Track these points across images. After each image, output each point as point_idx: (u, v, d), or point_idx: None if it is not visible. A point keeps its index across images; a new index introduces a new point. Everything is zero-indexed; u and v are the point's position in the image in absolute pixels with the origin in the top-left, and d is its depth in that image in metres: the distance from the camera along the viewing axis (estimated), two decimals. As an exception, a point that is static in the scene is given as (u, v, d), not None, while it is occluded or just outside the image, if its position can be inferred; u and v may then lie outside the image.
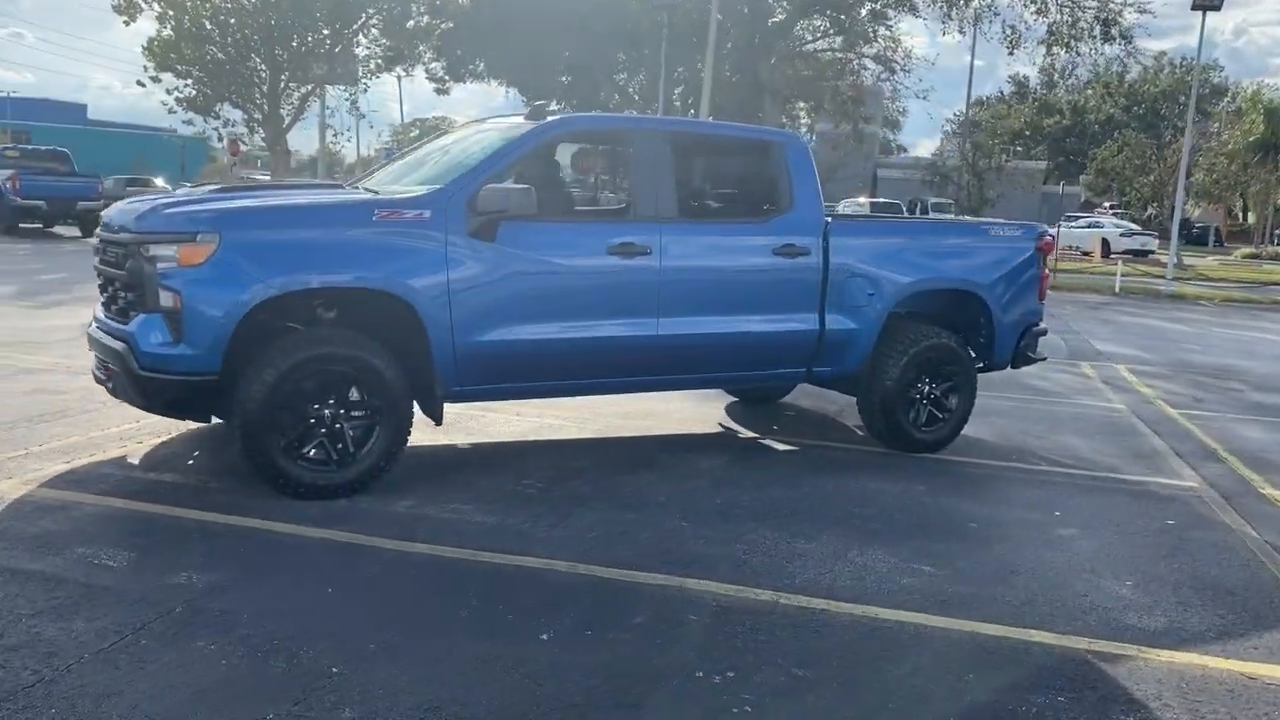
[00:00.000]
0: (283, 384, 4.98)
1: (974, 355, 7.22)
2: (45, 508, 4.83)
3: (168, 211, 5.08)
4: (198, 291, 4.84)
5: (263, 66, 30.54)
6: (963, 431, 7.42)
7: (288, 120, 32.12)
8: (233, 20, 29.62)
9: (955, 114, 44.11)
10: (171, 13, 29.34)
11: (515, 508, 5.25)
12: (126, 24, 31.48)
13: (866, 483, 6.13)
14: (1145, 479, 6.67)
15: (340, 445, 5.20)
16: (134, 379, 4.98)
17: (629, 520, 5.15)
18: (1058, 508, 5.86)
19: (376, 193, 5.71)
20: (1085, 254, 36.84)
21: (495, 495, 5.44)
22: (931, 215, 44.02)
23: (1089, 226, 40.73)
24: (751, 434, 7.37)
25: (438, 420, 5.60)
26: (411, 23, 35.02)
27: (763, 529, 5.14)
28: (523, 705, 3.27)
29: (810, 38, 36.51)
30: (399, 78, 49.82)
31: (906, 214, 42.93)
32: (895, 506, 5.68)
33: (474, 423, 7.08)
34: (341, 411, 5.19)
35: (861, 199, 43.08)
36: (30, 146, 27.05)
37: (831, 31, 36.46)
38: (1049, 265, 7.44)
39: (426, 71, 39.69)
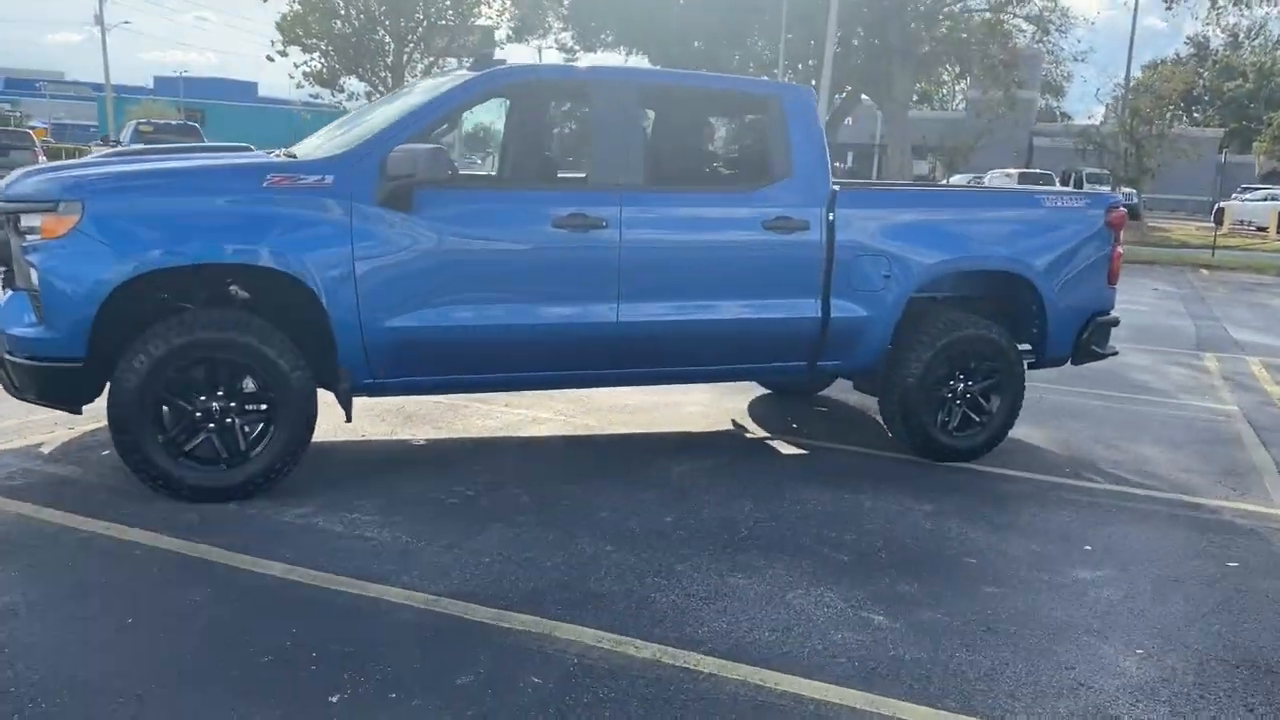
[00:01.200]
0: (159, 372, 4.42)
1: (1023, 348, 6.12)
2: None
3: (37, 177, 4.58)
4: (57, 267, 4.31)
5: (388, 39, 30.69)
6: (1015, 436, 6.37)
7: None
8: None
9: (1132, 77, 40.95)
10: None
11: (422, 521, 4.56)
12: (264, 1, 32.16)
13: (863, 498, 5.19)
14: (1223, 504, 5.48)
15: (232, 443, 4.61)
16: (0, 363, 4.51)
17: (546, 541, 4.39)
18: (1092, 539, 4.80)
19: (294, 156, 5.07)
20: (1260, 230, 33.63)
21: (410, 504, 4.77)
22: (1086, 187, 41.23)
23: (1267, 199, 37.18)
24: (763, 433, 6.48)
25: (347, 416, 4.95)
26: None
27: (700, 556, 4.31)
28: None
29: (955, -3, 34.37)
30: (539, 49, 49.67)
31: (1059, 185, 40.34)
32: (882, 531, 4.74)
33: (448, 415, 6.43)
34: (232, 405, 4.60)
35: (1011, 170, 40.52)
36: (163, 121, 27.91)
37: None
38: (1122, 241, 6.24)
39: (556, 41, 39.34)
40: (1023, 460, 6.08)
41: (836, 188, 5.58)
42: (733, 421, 6.71)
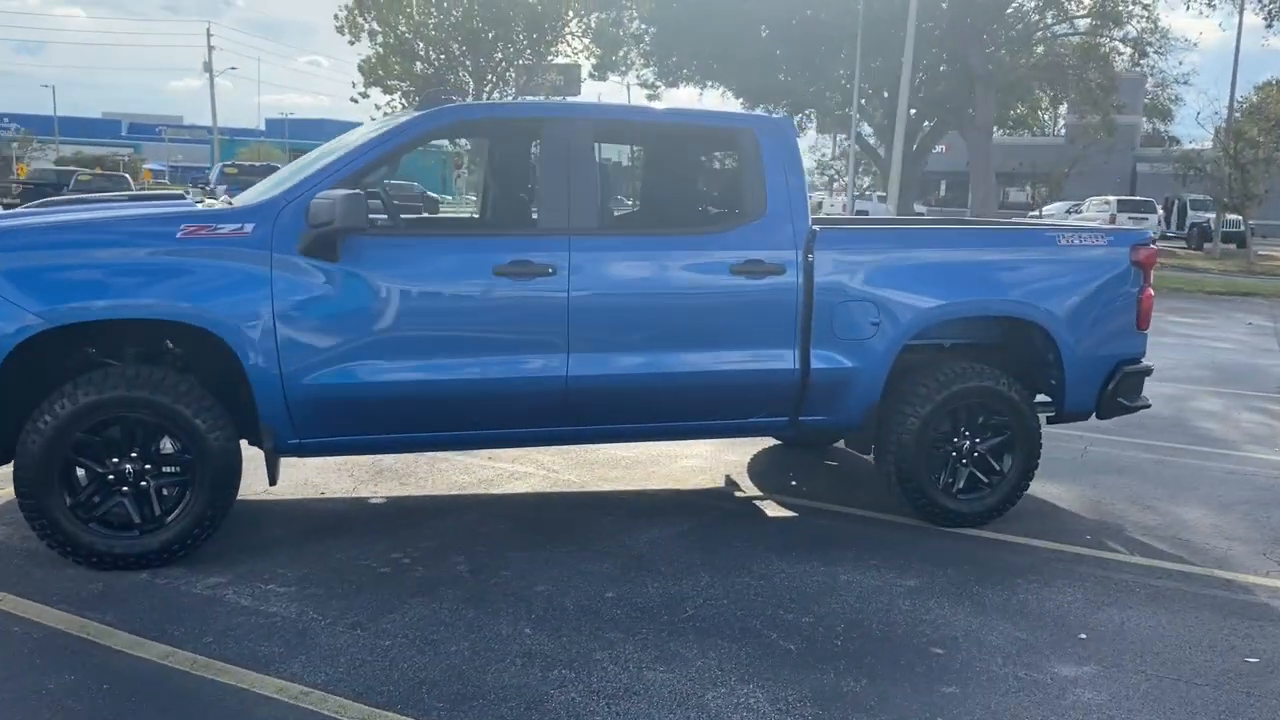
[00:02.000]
0: (66, 433, 4.19)
1: (1039, 401, 5.53)
2: None
3: (-54, 230, 4.42)
4: (-44, 323, 4.11)
5: (467, 79, 31.01)
6: (1041, 496, 5.82)
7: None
8: (434, 32, 30.22)
9: (1240, 99, 38.98)
10: (380, 31, 30.31)
11: (339, 594, 4.23)
12: (351, 43, 32.88)
13: (839, 572, 4.68)
14: (1260, 581, 4.81)
15: (146, 507, 4.36)
16: (-86, 423, 4.34)
17: (462, 621, 4.01)
18: (1091, 625, 4.21)
19: (228, 204, 4.84)
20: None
21: (335, 573, 4.45)
22: (1189, 215, 39.32)
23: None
24: (756, 491, 6.01)
25: (271, 479, 4.65)
26: (619, 29, 34.70)
27: (627, 643, 3.87)
28: None
29: (1050, 20, 33.21)
30: (628, 86, 49.66)
31: (1160, 212, 38.56)
32: (847, 613, 4.23)
33: (423, 468, 6.12)
34: (147, 467, 4.35)
35: (1110, 198, 38.97)
36: (248, 164, 28.70)
37: (1077, 14, 33.09)
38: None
39: (637, 77, 39.39)
40: (1040, 526, 5.48)
41: (817, 228, 5.11)
42: (727, 478, 6.24)
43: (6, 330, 4.11)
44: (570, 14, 30.08)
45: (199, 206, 4.73)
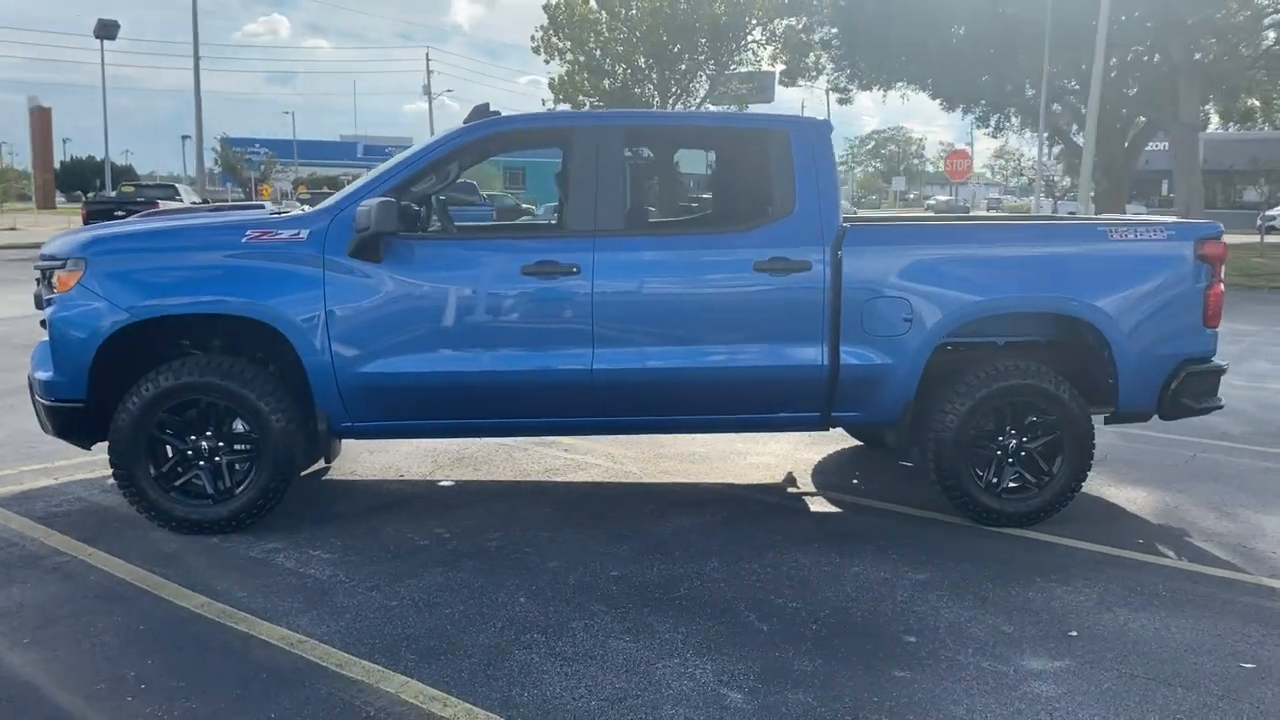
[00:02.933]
0: (150, 413, 4.84)
1: (1092, 400, 5.39)
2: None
3: (64, 238, 5.17)
4: (64, 317, 4.84)
5: (653, 91, 31.76)
6: (1113, 500, 5.72)
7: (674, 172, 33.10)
8: (621, 48, 31.13)
9: None
10: (569, 51, 31.50)
11: (372, 562, 4.69)
12: (546, 63, 34.36)
13: (852, 564, 4.75)
14: (1310, 592, 4.54)
15: (219, 480, 4.97)
16: (34, 403, 5.11)
17: (468, 588, 4.38)
18: (1088, 624, 4.13)
19: (302, 210, 5.40)
20: None
21: (377, 544, 4.91)
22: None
23: None
24: (810, 488, 6.10)
25: (326, 458, 5.17)
26: (807, 35, 34.64)
27: (607, 615, 4.13)
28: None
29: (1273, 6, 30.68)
30: (826, 91, 49.05)
31: None
32: (838, 600, 4.32)
33: (500, 456, 6.56)
34: (220, 444, 4.95)
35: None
36: (460, 180, 30.45)
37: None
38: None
39: (829, 81, 39.04)
40: (1095, 529, 5.33)
41: (847, 225, 5.20)
42: (789, 475, 6.36)
43: (102, 324, 4.79)
44: (753, 21, 30.23)
45: (261, 216, 5.30)
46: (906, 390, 5.18)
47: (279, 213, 5.31)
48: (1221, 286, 5.35)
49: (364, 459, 6.43)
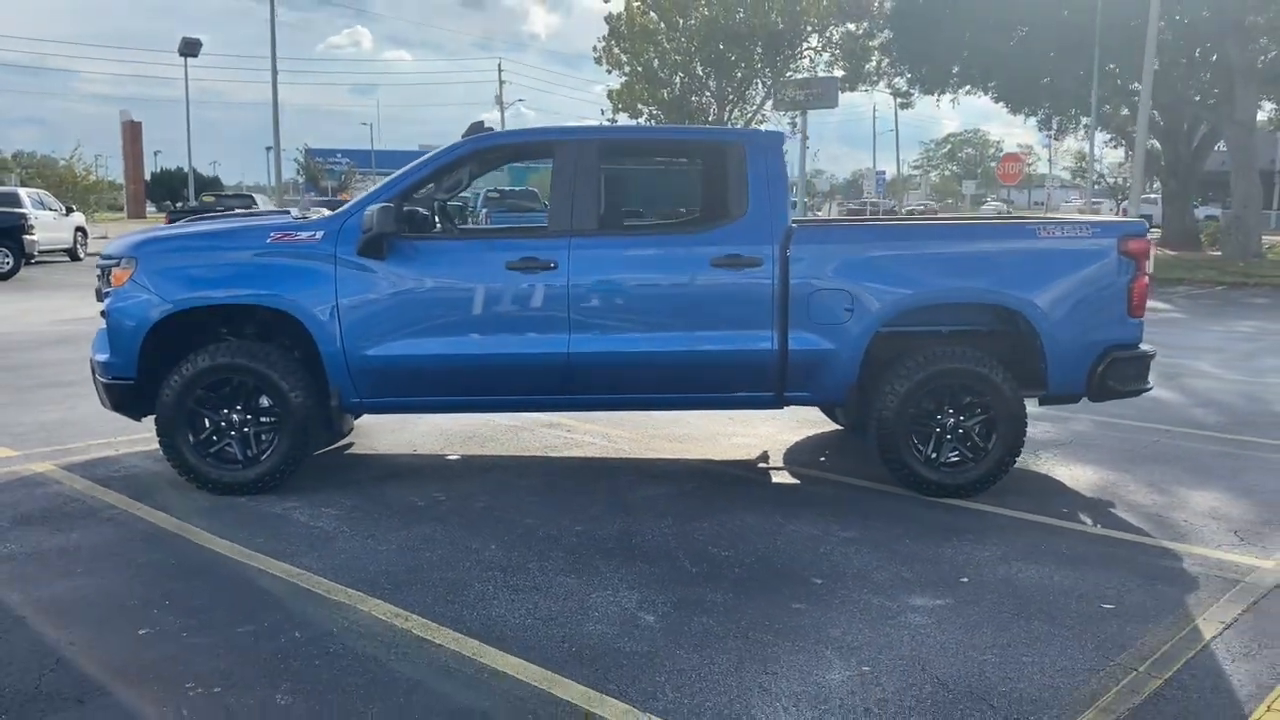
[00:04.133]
0: (190, 389, 5.67)
1: (1027, 383, 5.93)
2: (35, 482, 5.99)
3: (122, 239, 6.04)
4: (118, 307, 5.70)
5: (710, 99, 32.42)
6: (1058, 476, 6.32)
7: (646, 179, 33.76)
8: (679, 57, 31.84)
9: None
10: (626, 60, 32.31)
11: (373, 517, 5.44)
12: (608, 73, 35.25)
13: (791, 524, 5.38)
14: (1205, 553, 5.03)
15: (247, 448, 5.78)
16: (94, 381, 5.99)
17: (449, 540, 5.11)
18: (983, 574, 4.71)
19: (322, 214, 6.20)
20: None
21: (381, 504, 5.67)
22: None
23: None
24: (778, 464, 6.73)
25: (339, 433, 5.94)
26: (868, 40, 34.94)
27: (562, 558, 4.83)
28: None
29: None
30: (893, 94, 49.09)
31: None
32: (764, 551, 4.96)
33: (506, 436, 7.30)
34: (249, 417, 5.77)
35: None
36: (509, 189, 31.36)
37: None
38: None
39: (890, 86, 39.24)
40: (1028, 500, 5.87)
41: (794, 225, 5.84)
42: (763, 453, 6.99)
43: (151, 314, 5.64)
44: (809, 28, 30.69)
45: (285, 219, 6.10)
46: (849, 372, 5.79)
47: (302, 218, 6.11)
48: (1146, 279, 5.85)
49: (383, 436, 7.23)
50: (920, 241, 5.95)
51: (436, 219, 6.40)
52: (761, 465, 6.70)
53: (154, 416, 5.79)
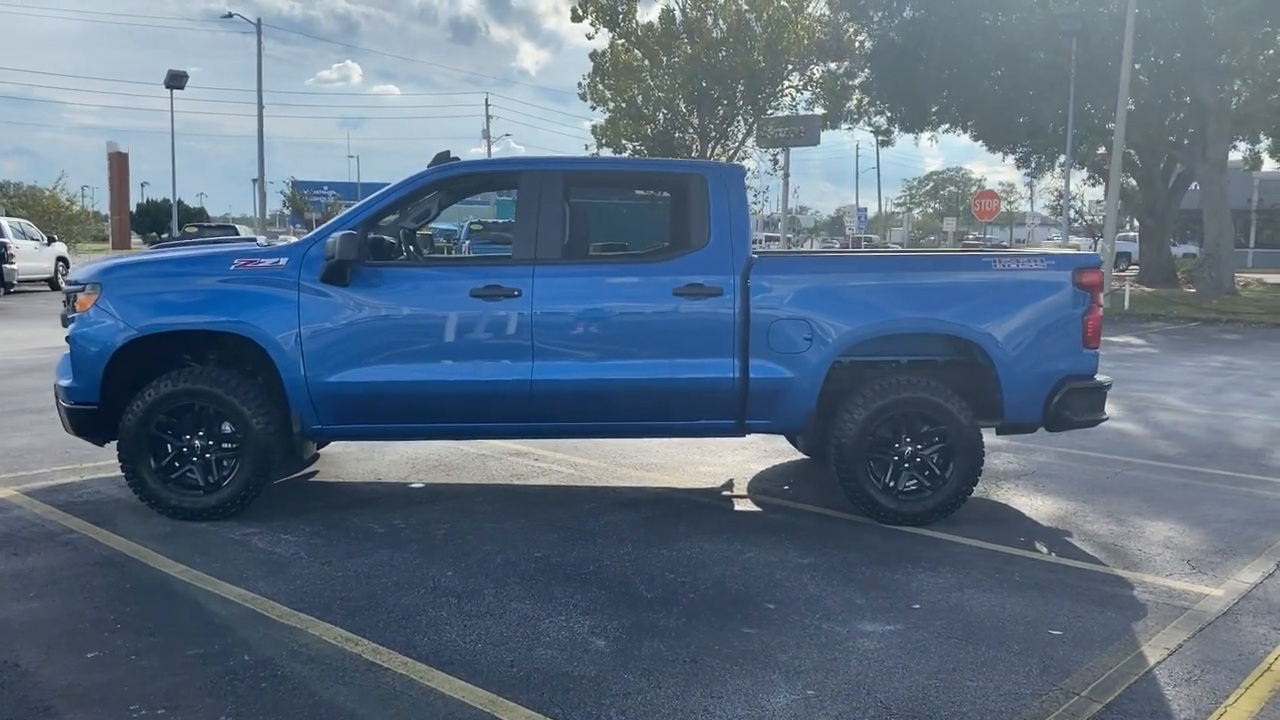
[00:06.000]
0: (151, 415, 5.68)
1: (984, 413, 6.00)
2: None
3: (86, 265, 6.07)
4: (83, 331, 5.72)
5: (694, 137, 32.71)
6: (1013, 505, 6.39)
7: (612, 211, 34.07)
8: (663, 94, 32.15)
9: None
10: (610, 96, 32.60)
11: (333, 543, 5.45)
12: (592, 109, 35.53)
13: (749, 551, 5.41)
14: (1154, 581, 5.10)
15: (209, 474, 5.79)
16: (57, 406, 5.99)
17: (406, 565, 5.12)
18: (934, 601, 4.75)
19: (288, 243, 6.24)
20: None
21: (342, 531, 5.68)
22: None
23: None
24: (741, 492, 6.76)
25: (299, 460, 5.96)
26: (848, 79, 35.34)
27: (518, 585, 4.84)
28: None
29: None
30: (874, 131, 49.44)
31: None
32: (722, 577, 4.99)
33: (474, 464, 7.32)
34: (210, 443, 5.78)
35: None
36: (492, 221, 31.52)
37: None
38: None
39: (870, 125, 39.62)
40: (987, 529, 5.92)
41: (755, 256, 5.92)
42: (729, 482, 7.02)
43: (115, 339, 5.66)
44: (790, 67, 31.05)
45: (250, 246, 6.13)
46: (809, 400, 5.85)
47: (269, 245, 6.16)
48: (1100, 311, 5.94)
49: (348, 465, 7.24)
50: (878, 273, 6.04)
51: (404, 247, 6.45)
52: (725, 493, 6.73)
53: (116, 442, 5.78)
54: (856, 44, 33.81)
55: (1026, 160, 39.97)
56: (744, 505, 6.45)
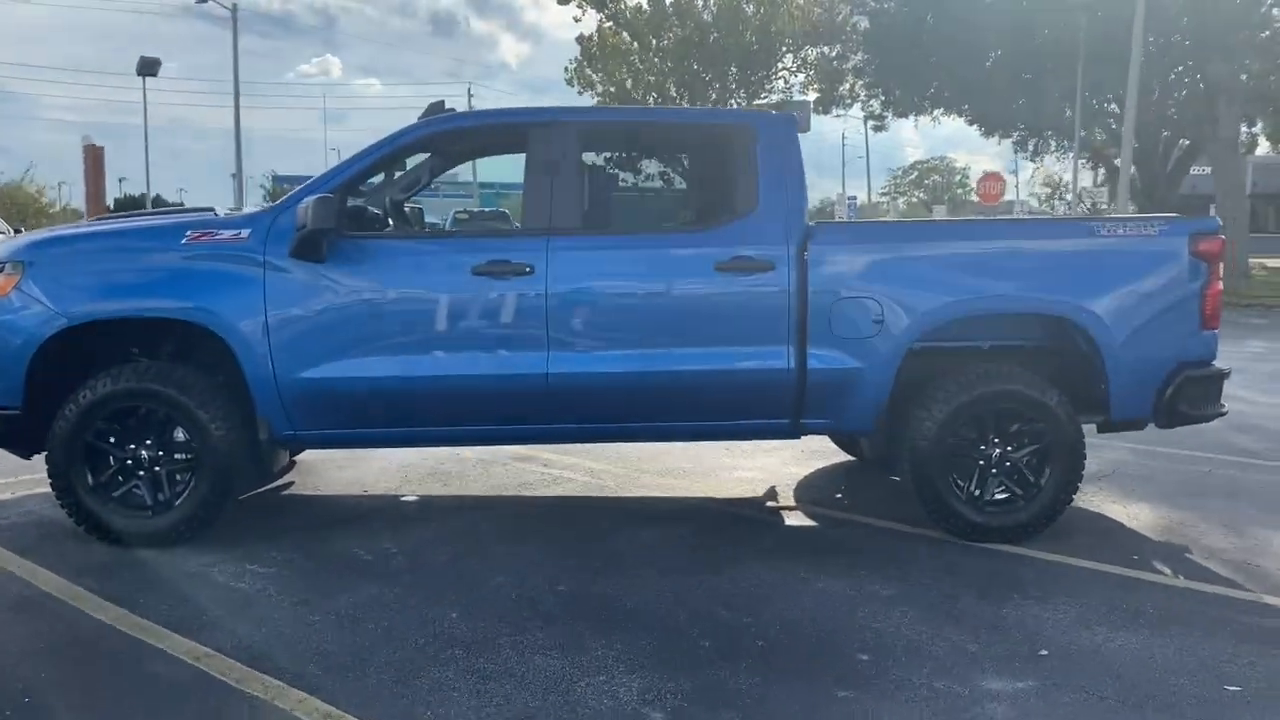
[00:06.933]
0: (88, 420, 4.68)
1: (1082, 407, 5.05)
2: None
3: (8, 244, 5.05)
4: (0, 321, 4.70)
5: (685, 120, 31.75)
6: (1115, 516, 5.46)
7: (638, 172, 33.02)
8: (653, 78, 31.14)
9: None
10: (598, 80, 31.57)
11: (310, 576, 4.48)
12: (579, 94, 34.47)
13: (815, 578, 4.45)
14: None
15: (159, 491, 4.79)
16: (-24, 411, 4.96)
17: (400, 604, 4.15)
18: (1063, 643, 3.79)
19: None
20: None
21: (321, 559, 4.70)
22: None
23: None
24: (790, 502, 5.79)
25: (268, 472, 4.97)
26: (841, 63, 34.42)
27: (539, 630, 3.87)
28: None
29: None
30: (865, 118, 48.48)
31: None
32: (793, 616, 4.03)
33: (475, 471, 6.33)
34: (160, 454, 4.78)
35: None
36: (479, 209, 30.47)
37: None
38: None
39: (863, 109, 38.70)
40: (1088, 545, 4.97)
41: (813, 223, 4.94)
42: (770, 489, 6.05)
43: (41, 330, 4.64)
44: (784, 49, 30.09)
45: (202, 217, 5.08)
46: (879, 395, 4.89)
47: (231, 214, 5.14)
48: (1220, 285, 5.00)
49: (329, 474, 6.24)
50: (961, 240, 5.07)
51: (389, 220, 5.46)
52: (770, 504, 5.76)
53: (45, 454, 4.78)
54: (850, 24, 32.83)
55: (1024, 143, 39.11)
56: (796, 519, 5.49)
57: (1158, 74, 26.14)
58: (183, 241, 4.73)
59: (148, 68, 36.03)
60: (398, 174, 5.34)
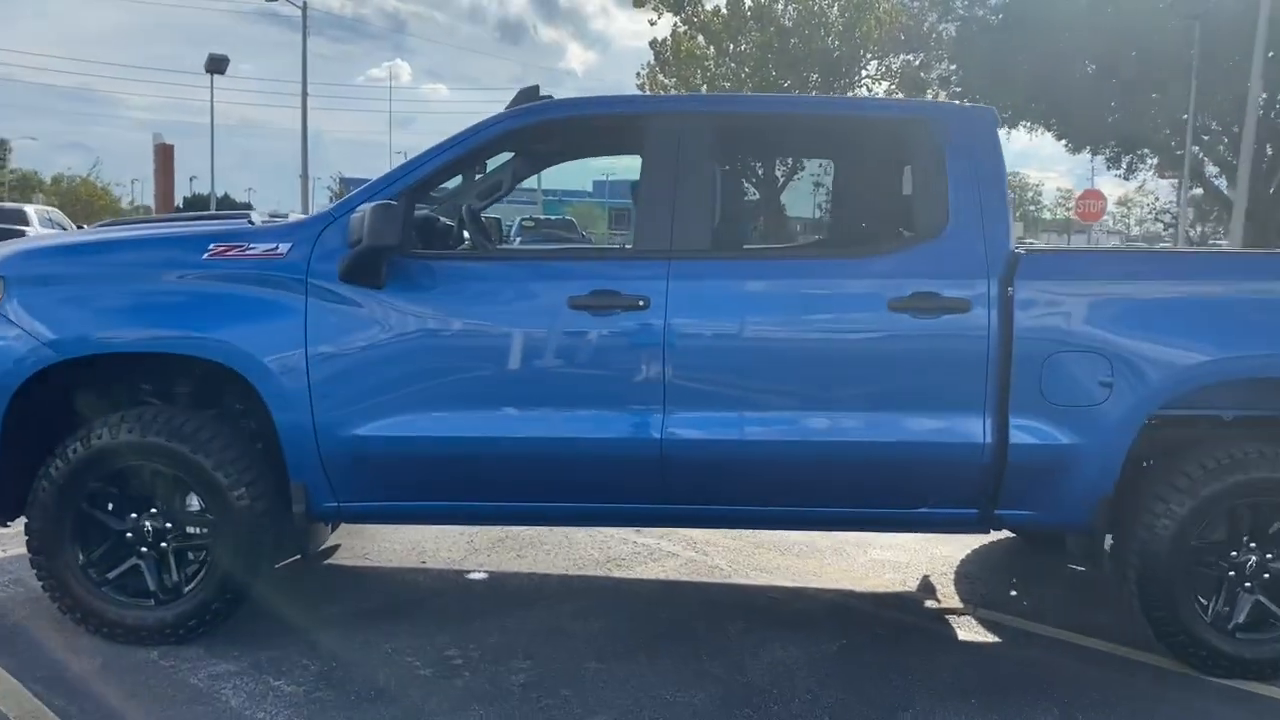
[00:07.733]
0: (79, 482, 3.66)
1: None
2: None
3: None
4: (-30, 355, 3.68)
5: (761, 129, 30.59)
6: None
7: (781, 180, 31.77)
8: (728, 84, 29.99)
9: None
10: (674, 88, 30.53)
11: (348, 702, 3.40)
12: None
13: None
14: None
15: (166, 574, 3.74)
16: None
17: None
18: None
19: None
20: None
21: (367, 670, 3.63)
22: None
23: None
24: (955, 602, 4.59)
25: (302, 551, 3.90)
26: (926, 72, 33.05)
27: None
28: None
29: None
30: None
31: None
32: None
33: (554, 537, 5.22)
34: (169, 526, 3.73)
35: None
36: (544, 218, 29.57)
37: None
38: None
39: (948, 123, 37.18)
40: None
41: (1021, 250, 3.75)
42: (924, 580, 4.86)
43: (21, 365, 3.63)
44: (869, 56, 28.79)
45: (238, 225, 4.03)
46: (1104, 481, 3.68)
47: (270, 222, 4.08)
48: None
49: (382, 534, 5.17)
50: (1224, 278, 3.83)
51: (464, 234, 4.38)
52: (929, 604, 4.56)
53: (25, 521, 3.76)
54: (937, 32, 31.43)
55: (1117, 161, 37.31)
56: (968, 630, 4.27)
57: (1267, 89, 24.51)
58: (204, 257, 3.68)
59: (216, 65, 35.82)
60: (476, 177, 4.25)
